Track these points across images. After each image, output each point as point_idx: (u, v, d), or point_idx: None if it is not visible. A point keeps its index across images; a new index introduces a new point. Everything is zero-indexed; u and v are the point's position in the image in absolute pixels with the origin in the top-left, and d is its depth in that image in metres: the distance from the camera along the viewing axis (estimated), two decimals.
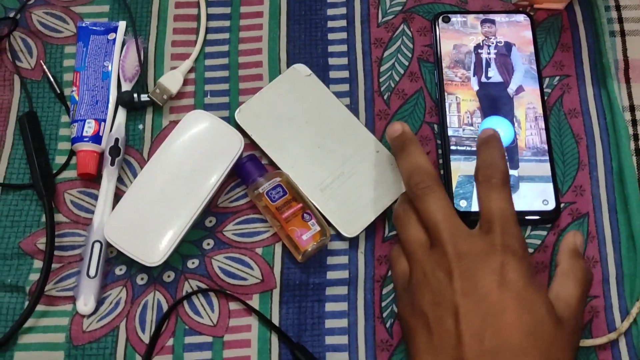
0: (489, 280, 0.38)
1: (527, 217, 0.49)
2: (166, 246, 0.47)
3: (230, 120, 0.52)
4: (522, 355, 0.37)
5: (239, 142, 0.49)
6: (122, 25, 0.54)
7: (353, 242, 0.50)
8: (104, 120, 0.51)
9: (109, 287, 0.48)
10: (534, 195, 0.50)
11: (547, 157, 0.51)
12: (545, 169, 0.50)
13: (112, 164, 0.50)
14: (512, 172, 0.50)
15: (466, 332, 0.37)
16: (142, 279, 0.49)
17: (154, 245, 0.47)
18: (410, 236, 0.43)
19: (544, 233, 0.50)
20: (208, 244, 0.49)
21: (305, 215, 0.48)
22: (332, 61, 0.54)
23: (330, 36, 0.55)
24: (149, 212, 0.48)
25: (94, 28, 0.54)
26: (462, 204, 0.49)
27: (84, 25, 0.54)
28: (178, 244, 0.48)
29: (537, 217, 0.49)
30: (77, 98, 0.52)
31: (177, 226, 0.47)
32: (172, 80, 0.52)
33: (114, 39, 0.54)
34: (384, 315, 0.48)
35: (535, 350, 0.37)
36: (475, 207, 0.49)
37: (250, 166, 0.49)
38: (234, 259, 0.49)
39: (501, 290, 0.38)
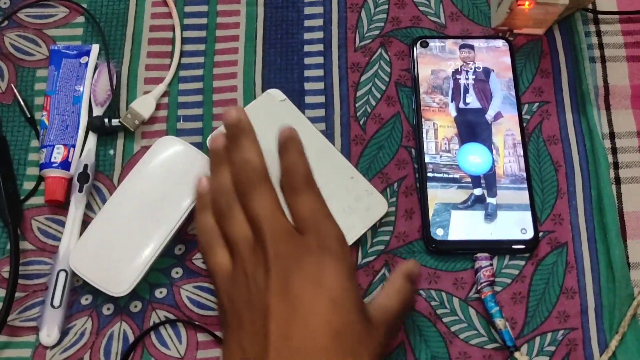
0: (303, 282, 0.38)
1: (505, 247, 0.48)
2: (133, 275, 0.46)
3: (203, 146, 0.51)
4: (325, 354, 0.37)
5: None
6: (95, 48, 0.54)
7: None
8: (74, 146, 0.50)
9: (74, 317, 0.47)
10: (512, 223, 0.49)
11: (526, 185, 0.50)
12: (523, 197, 0.49)
13: (80, 190, 0.49)
14: (490, 200, 0.49)
15: (274, 332, 0.37)
16: (108, 309, 0.47)
17: (121, 274, 0.46)
18: (236, 232, 0.41)
19: (522, 263, 0.49)
20: (177, 273, 0.48)
21: None
22: (308, 86, 0.54)
23: (307, 60, 0.54)
24: (117, 240, 0.47)
25: (67, 51, 0.53)
26: (439, 233, 0.49)
27: (56, 48, 0.54)
28: (146, 273, 0.47)
29: (515, 247, 0.48)
30: (47, 123, 0.51)
31: (145, 255, 0.46)
32: (144, 105, 0.52)
33: (87, 63, 0.53)
34: None
35: (340, 350, 0.37)
36: (453, 236, 0.48)
37: None
38: (203, 289, 0.48)
39: (315, 292, 0.38)
